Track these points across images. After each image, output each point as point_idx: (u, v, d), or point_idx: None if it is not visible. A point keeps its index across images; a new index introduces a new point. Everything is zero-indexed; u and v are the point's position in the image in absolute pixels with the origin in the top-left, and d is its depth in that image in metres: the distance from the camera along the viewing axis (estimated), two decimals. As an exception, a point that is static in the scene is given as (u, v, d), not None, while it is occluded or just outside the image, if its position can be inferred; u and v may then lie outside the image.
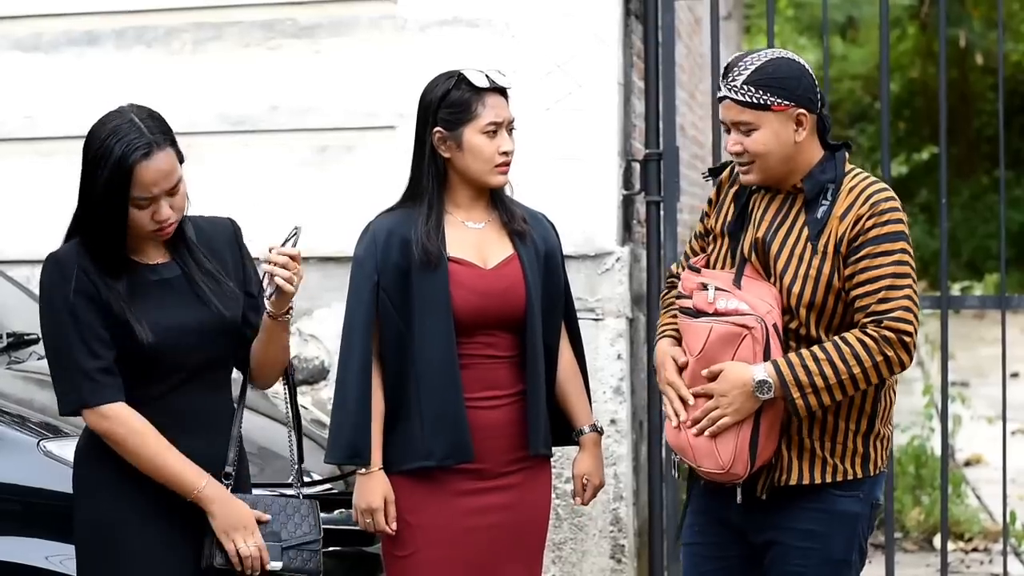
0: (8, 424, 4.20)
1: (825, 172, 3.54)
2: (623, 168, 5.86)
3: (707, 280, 3.55)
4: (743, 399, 3.44)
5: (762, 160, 3.53)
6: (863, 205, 3.48)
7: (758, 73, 3.52)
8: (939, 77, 5.57)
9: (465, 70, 3.84)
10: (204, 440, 3.47)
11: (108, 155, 3.35)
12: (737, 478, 3.49)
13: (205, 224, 3.60)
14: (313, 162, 5.95)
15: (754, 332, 3.45)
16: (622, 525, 5.73)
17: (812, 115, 3.53)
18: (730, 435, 3.47)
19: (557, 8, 5.81)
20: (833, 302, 3.49)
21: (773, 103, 3.50)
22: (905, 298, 3.44)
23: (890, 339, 3.42)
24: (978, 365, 12.27)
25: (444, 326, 3.76)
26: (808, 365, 3.41)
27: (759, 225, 3.57)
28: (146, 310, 3.41)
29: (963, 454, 9.44)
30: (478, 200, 3.89)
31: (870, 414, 3.54)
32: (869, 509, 3.58)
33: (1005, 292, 5.69)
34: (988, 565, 7.11)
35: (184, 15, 6.08)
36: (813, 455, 3.51)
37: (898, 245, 3.47)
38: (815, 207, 3.52)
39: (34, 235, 6.07)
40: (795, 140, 3.51)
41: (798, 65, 3.55)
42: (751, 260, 3.56)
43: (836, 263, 3.48)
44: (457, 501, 3.78)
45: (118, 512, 3.42)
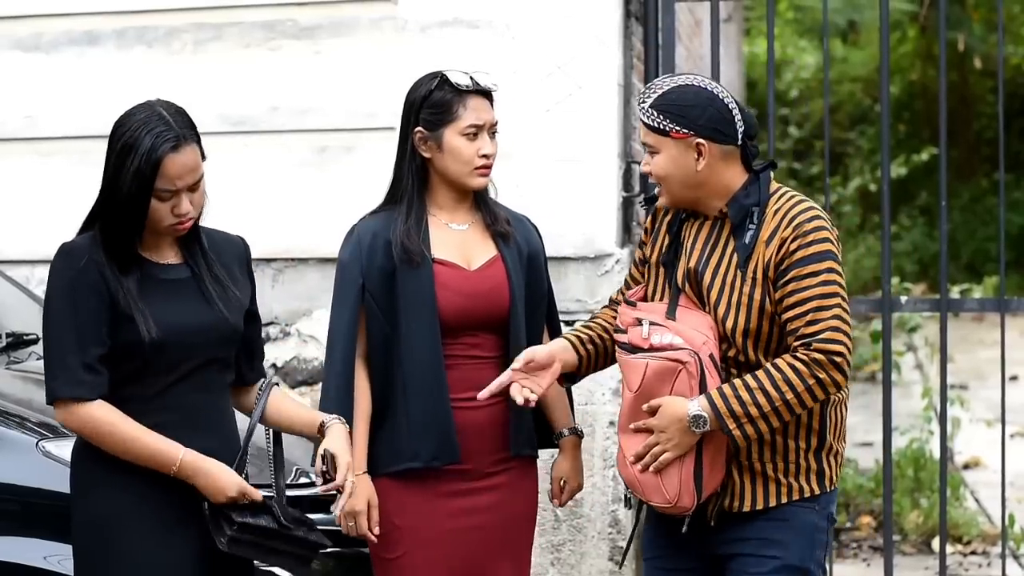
0: (7, 424, 4.20)
1: (749, 196, 3.53)
2: (623, 170, 5.86)
3: (642, 315, 3.56)
4: (681, 434, 3.45)
5: (665, 183, 3.56)
6: (787, 228, 3.47)
7: (662, 99, 3.53)
8: (939, 80, 5.56)
9: (448, 71, 3.85)
10: (202, 439, 3.47)
11: (137, 145, 3.38)
12: (686, 511, 3.50)
13: (219, 237, 3.65)
14: (313, 163, 5.95)
15: (688, 366, 3.45)
16: (621, 527, 5.72)
17: (715, 144, 3.51)
18: (674, 469, 3.48)
19: (557, 10, 5.81)
20: (768, 327, 3.49)
21: (671, 130, 3.51)
22: (834, 318, 3.43)
23: (820, 361, 3.41)
24: (977, 368, 12.27)
25: (429, 327, 3.76)
26: (741, 395, 3.41)
27: (691, 254, 3.58)
28: (153, 306, 3.43)
29: (962, 457, 9.44)
30: (461, 202, 3.89)
31: (819, 431, 3.53)
32: (826, 523, 3.58)
33: (1004, 295, 5.69)
34: (987, 568, 7.11)
35: (185, 15, 6.08)
36: (766, 478, 3.52)
37: (823, 265, 3.45)
38: (742, 232, 3.52)
39: (34, 235, 6.07)
40: (695, 168, 3.51)
41: (707, 94, 3.53)
42: (684, 290, 3.57)
43: (766, 288, 3.48)
44: (443, 502, 3.79)
45: (115, 511, 3.42)
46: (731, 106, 3.54)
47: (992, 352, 11.18)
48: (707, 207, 3.58)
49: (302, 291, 5.87)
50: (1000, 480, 5.76)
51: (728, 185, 3.55)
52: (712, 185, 3.54)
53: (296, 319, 5.85)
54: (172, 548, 3.44)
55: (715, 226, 3.58)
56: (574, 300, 5.69)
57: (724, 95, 3.55)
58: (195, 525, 3.46)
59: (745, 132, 3.56)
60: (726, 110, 3.53)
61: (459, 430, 3.80)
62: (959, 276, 15.54)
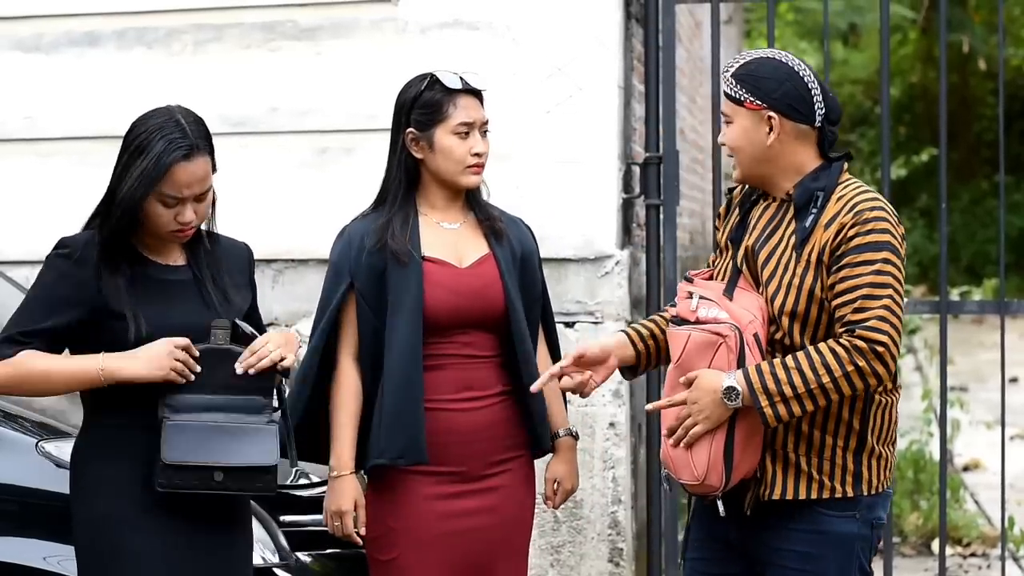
0: (6, 424, 4.20)
1: (817, 180, 3.51)
2: (623, 171, 5.86)
3: (694, 289, 3.55)
4: (713, 406, 3.41)
5: (737, 155, 3.54)
6: (847, 214, 3.44)
7: (743, 68, 3.52)
8: (940, 82, 5.56)
9: (438, 71, 3.86)
10: None
11: (149, 148, 3.40)
12: (713, 490, 3.46)
13: (224, 242, 3.66)
14: (313, 164, 5.95)
15: (728, 340, 3.42)
16: (620, 528, 5.72)
17: (790, 122, 3.49)
18: (703, 445, 3.44)
19: (558, 11, 5.81)
20: (816, 312, 3.45)
21: (746, 100, 3.50)
22: (882, 308, 3.38)
23: (862, 349, 3.36)
24: (977, 370, 12.28)
25: (412, 325, 3.76)
26: (777, 373, 3.37)
27: (752, 234, 3.56)
28: (147, 305, 3.44)
29: (962, 459, 9.44)
30: (453, 201, 3.90)
31: (859, 431, 3.48)
32: (869, 530, 3.52)
33: (1004, 297, 5.69)
34: (986, 570, 7.11)
35: (185, 16, 6.08)
36: (799, 470, 3.47)
37: (880, 255, 3.41)
38: (804, 215, 3.49)
39: (34, 235, 6.07)
40: (766, 142, 3.49)
41: (786, 69, 3.51)
42: (742, 270, 3.55)
43: (819, 272, 3.44)
44: (439, 504, 3.78)
45: (117, 511, 3.42)
46: (812, 86, 3.51)
47: (992, 354, 11.18)
48: (775, 186, 3.55)
49: (302, 292, 5.87)
50: (1000, 482, 5.76)
51: (799, 166, 3.52)
52: (782, 163, 3.51)
53: (296, 320, 5.85)
54: (173, 547, 3.44)
55: (780, 208, 3.55)
56: (574, 301, 5.69)
57: (807, 74, 3.51)
58: (197, 523, 3.45)
59: (825, 116, 3.53)
60: (804, 88, 3.49)
61: (454, 431, 3.79)
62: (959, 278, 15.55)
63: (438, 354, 3.80)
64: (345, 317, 3.86)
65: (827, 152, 3.56)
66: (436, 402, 3.79)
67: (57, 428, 4.24)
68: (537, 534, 5.73)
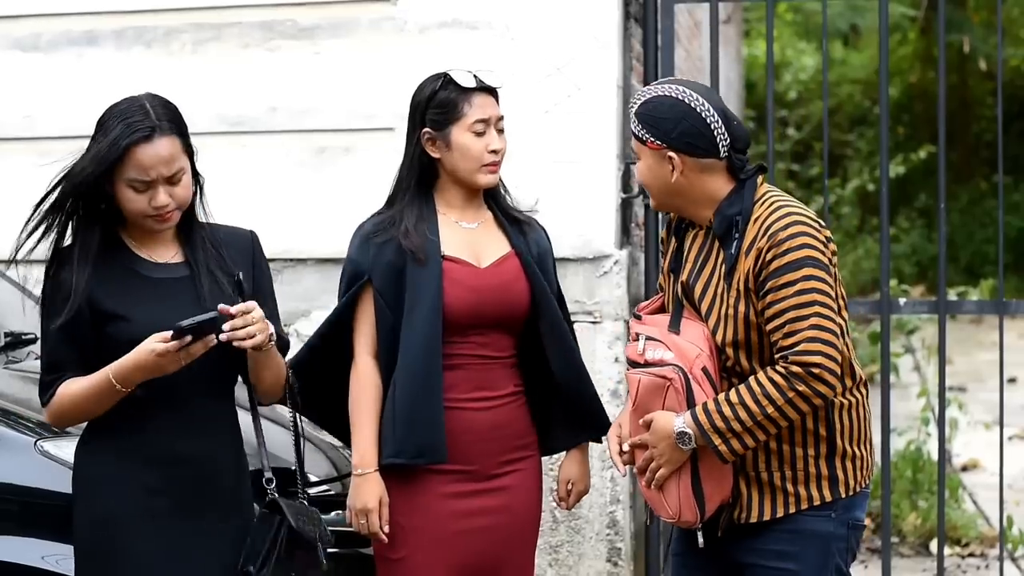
0: (5, 424, 4.20)
1: (732, 206, 3.49)
2: (621, 171, 5.86)
3: (641, 329, 3.57)
4: (671, 450, 3.45)
5: (648, 190, 3.58)
6: (763, 238, 3.42)
7: (643, 107, 3.53)
8: (939, 82, 5.56)
9: (452, 71, 3.86)
10: (197, 442, 3.47)
11: (108, 132, 3.39)
12: (691, 524, 3.49)
13: (224, 232, 3.63)
14: (311, 163, 5.95)
15: (674, 383, 3.44)
16: (619, 528, 5.73)
17: (689, 157, 3.48)
18: (672, 485, 3.48)
19: (557, 11, 5.81)
20: (757, 338, 3.46)
21: (647, 139, 3.51)
22: (811, 328, 3.36)
23: (798, 374, 3.36)
24: (976, 370, 12.27)
25: (430, 323, 3.76)
26: (723, 410, 3.38)
27: (685, 267, 3.57)
28: (138, 306, 3.43)
29: (960, 459, 9.44)
30: (471, 200, 3.90)
31: (827, 437, 3.48)
32: (845, 530, 3.52)
33: (1003, 297, 5.69)
34: (985, 571, 7.11)
35: (183, 16, 6.08)
36: (774, 488, 3.48)
37: (800, 273, 3.38)
38: (728, 243, 3.48)
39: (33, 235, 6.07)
40: (671, 179, 3.50)
41: (683, 108, 3.48)
42: (683, 302, 3.57)
43: (749, 300, 3.44)
44: (450, 503, 3.78)
45: (118, 511, 3.42)
46: (710, 120, 3.47)
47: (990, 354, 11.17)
48: (695, 216, 3.56)
49: (301, 292, 5.86)
50: (999, 482, 5.76)
51: (712, 194, 3.51)
52: (693, 195, 3.52)
53: (295, 320, 5.84)
54: (175, 548, 3.44)
55: (708, 236, 3.56)
56: (572, 301, 5.68)
57: (703, 107, 3.48)
58: (198, 524, 3.45)
59: (731, 145, 3.50)
60: (702, 124, 3.47)
61: (466, 431, 3.79)
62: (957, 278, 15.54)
63: (455, 353, 3.80)
64: (362, 314, 3.85)
65: (739, 175, 3.53)
66: (451, 401, 3.79)
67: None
68: (536, 534, 5.74)
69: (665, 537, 5.72)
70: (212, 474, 3.47)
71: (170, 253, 3.52)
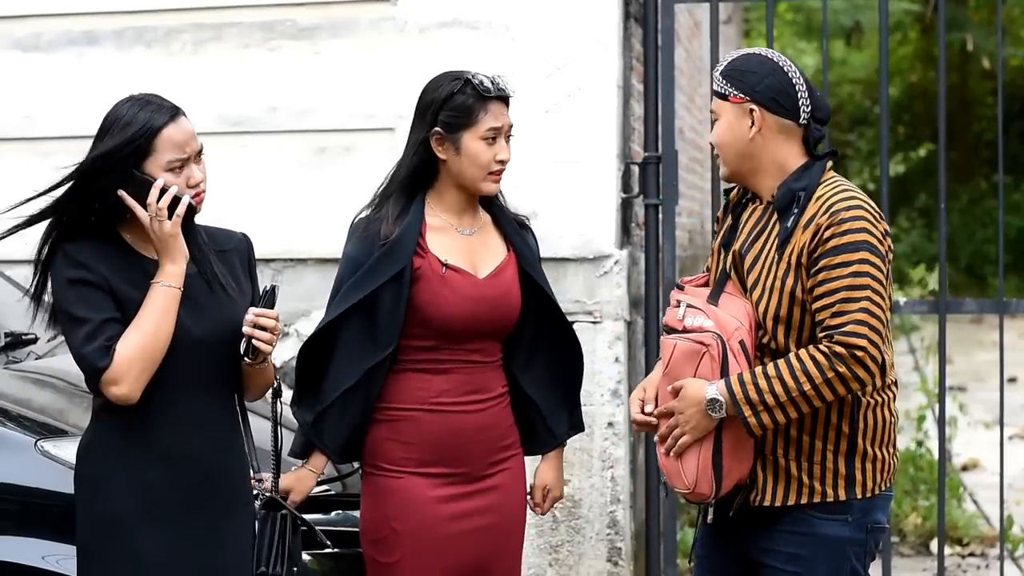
0: (6, 424, 4.20)
1: (799, 180, 3.49)
2: (622, 171, 5.86)
3: (682, 297, 3.56)
4: (699, 417, 3.42)
5: (722, 152, 3.55)
6: (823, 214, 3.41)
7: (729, 65, 3.55)
8: (939, 82, 5.57)
9: (473, 75, 3.82)
10: (202, 443, 3.47)
11: (134, 120, 3.41)
12: (704, 498, 3.46)
13: (219, 234, 3.64)
14: (311, 163, 5.96)
15: (711, 350, 3.42)
16: (619, 528, 5.73)
17: (772, 115, 3.49)
18: (692, 454, 3.45)
19: (557, 11, 5.81)
20: (800, 314, 3.44)
21: (730, 94, 3.51)
22: (861, 311, 3.35)
23: (841, 355, 3.34)
24: (976, 370, 12.28)
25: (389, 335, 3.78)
26: (759, 383, 3.37)
27: (739, 238, 3.56)
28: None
29: (960, 459, 9.45)
30: (469, 204, 3.88)
31: (849, 434, 3.46)
32: (863, 534, 3.49)
33: (1003, 297, 5.69)
34: (985, 570, 7.11)
35: (184, 16, 6.09)
36: (789, 476, 3.47)
37: (857, 255, 3.37)
38: (786, 216, 3.47)
39: (34, 235, 6.07)
40: (748, 135, 3.49)
41: (770, 64, 3.52)
42: (731, 275, 3.55)
43: (799, 275, 3.42)
44: (442, 507, 3.77)
45: (120, 510, 3.42)
46: (796, 83, 3.51)
47: (991, 354, 11.18)
48: (760, 185, 3.54)
49: (301, 292, 5.87)
50: (999, 482, 5.76)
51: (783, 164, 3.51)
52: (764, 158, 3.51)
53: (295, 319, 5.85)
54: (178, 548, 3.43)
55: (766, 210, 3.55)
56: (572, 301, 5.69)
57: (792, 72, 3.52)
58: (202, 523, 3.46)
59: (812, 115, 3.52)
60: (788, 84, 3.50)
61: (457, 433, 3.79)
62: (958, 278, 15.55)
63: (449, 359, 3.79)
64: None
65: (813, 151, 3.55)
66: (443, 404, 3.79)
67: (56, 427, 4.24)
68: (536, 533, 5.73)
69: (666, 537, 5.73)
70: (215, 473, 3.47)
71: None
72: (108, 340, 3.36)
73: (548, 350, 3.95)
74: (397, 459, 3.77)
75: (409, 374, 3.79)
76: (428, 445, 3.77)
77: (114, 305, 3.39)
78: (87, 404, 4.61)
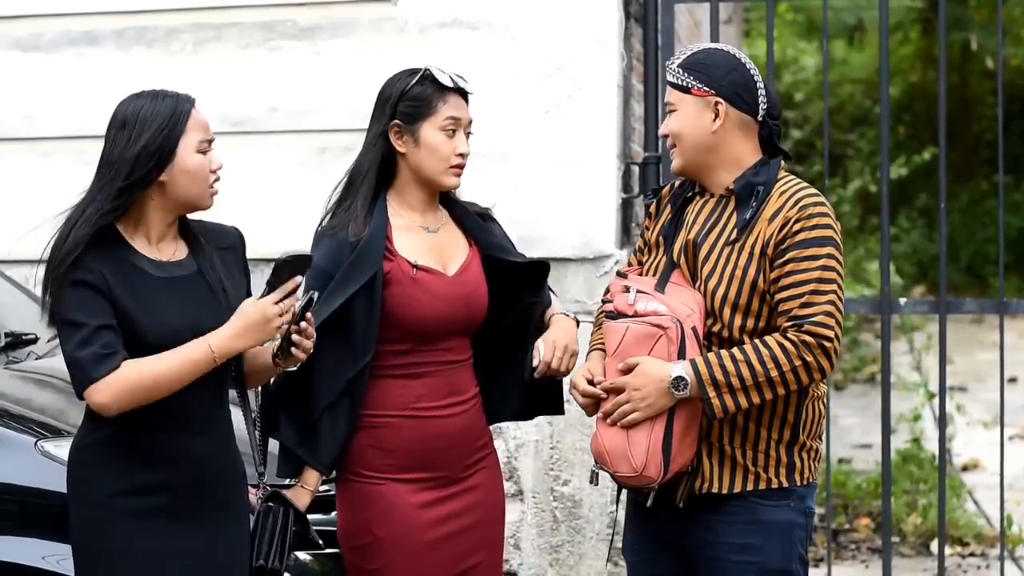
0: (6, 424, 4.20)
1: (758, 175, 3.55)
2: (622, 171, 5.86)
3: (630, 284, 3.57)
4: (658, 395, 3.43)
5: (679, 143, 3.58)
6: (792, 208, 3.48)
7: (690, 58, 3.59)
8: (940, 81, 5.57)
9: (431, 67, 3.83)
10: (195, 442, 3.47)
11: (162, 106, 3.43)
12: (650, 482, 3.46)
13: (215, 230, 3.65)
14: (312, 163, 5.96)
15: (669, 332, 3.45)
16: (619, 528, 5.72)
17: (735, 110, 3.54)
18: (642, 435, 3.45)
19: (557, 11, 5.81)
20: (758, 304, 3.49)
21: (692, 87, 3.55)
22: (828, 303, 3.43)
23: (810, 344, 3.40)
24: (976, 370, 12.26)
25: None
26: (725, 365, 3.40)
27: (691, 228, 3.59)
28: (153, 305, 3.42)
29: (960, 459, 9.45)
30: (431, 202, 3.86)
31: (792, 424, 3.52)
32: (803, 518, 3.56)
33: (1003, 297, 5.69)
34: (985, 570, 7.10)
35: (184, 16, 6.09)
36: (735, 463, 3.51)
37: (825, 250, 3.45)
38: (744, 208, 3.53)
39: (34, 235, 6.06)
40: (711, 128, 3.53)
41: (733, 60, 3.58)
42: (679, 264, 3.57)
43: (762, 264, 3.48)
44: (424, 513, 3.75)
45: (114, 511, 3.41)
46: (755, 77, 3.58)
47: (991, 354, 11.18)
48: (714, 179, 3.58)
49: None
50: (999, 482, 5.76)
51: (739, 159, 3.56)
52: (723, 152, 3.56)
53: (295, 320, 5.85)
54: (172, 547, 3.43)
55: (719, 203, 3.59)
56: (573, 301, 5.69)
57: (749, 66, 3.59)
58: (197, 521, 3.45)
59: (767, 111, 3.58)
60: (751, 79, 3.57)
61: (438, 437, 3.77)
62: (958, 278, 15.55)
63: (424, 362, 3.77)
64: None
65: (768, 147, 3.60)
66: (423, 409, 3.77)
67: (57, 428, 4.24)
68: (536, 533, 5.74)
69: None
70: (209, 472, 3.47)
71: (171, 250, 3.52)
72: (103, 348, 3.34)
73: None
74: (377, 466, 3.74)
75: (387, 380, 3.75)
76: (409, 451, 3.75)
77: (111, 311, 3.37)
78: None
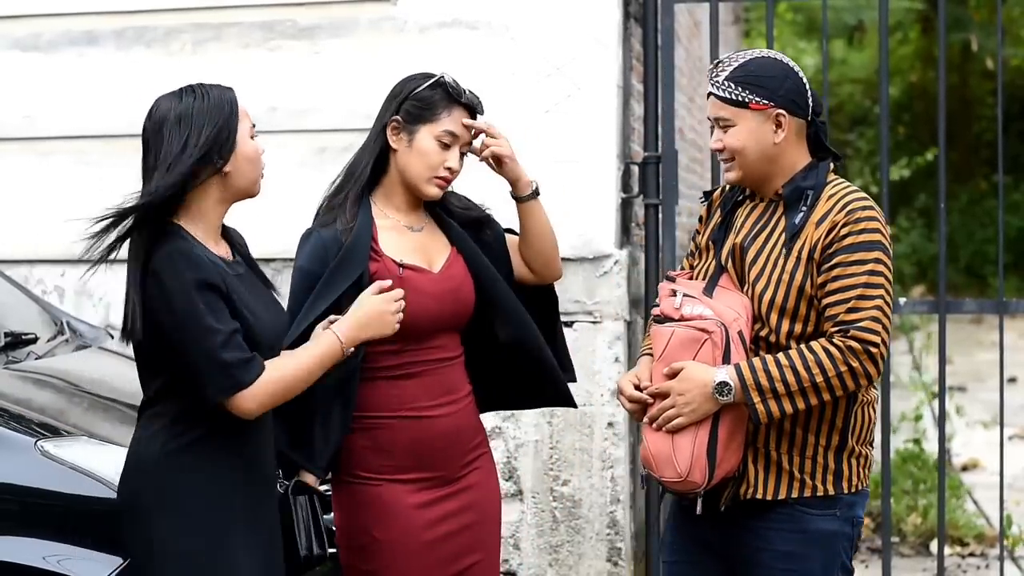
0: (6, 424, 4.20)
1: (807, 179, 3.53)
2: (621, 171, 5.86)
3: (677, 287, 3.56)
4: (702, 399, 3.41)
5: (741, 157, 3.54)
6: (839, 212, 3.45)
7: (741, 70, 3.54)
8: (939, 82, 5.57)
9: (447, 75, 3.82)
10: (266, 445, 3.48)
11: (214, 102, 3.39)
12: (695, 487, 3.44)
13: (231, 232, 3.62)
14: (311, 163, 5.96)
15: (713, 336, 3.43)
16: (619, 528, 5.73)
17: (794, 118, 3.52)
18: (687, 440, 3.43)
19: (557, 11, 5.81)
20: (805, 308, 3.46)
21: (751, 101, 3.52)
22: (875, 309, 3.39)
23: (855, 350, 3.37)
24: (976, 370, 12.27)
25: None
26: (770, 370, 3.38)
27: (739, 232, 3.57)
28: (252, 306, 3.39)
29: (960, 459, 9.45)
30: (416, 205, 3.86)
31: (841, 429, 3.49)
32: (849, 527, 3.53)
33: (1003, 297, 5.69)
34: (985, 570, 7.11)
35: (184, 16, 6.09)
36: (780, 469, 3.48)
37: (872, 255, 3.42)
38: (794, 212, 3.50)
39: (33, 235, 6.08)
40: (773, 141, 3.51)
41: (784, 67, 3.55)
42: (727, 268, 3.56)
43: (810, 269, 3.45)
44: (420, 513, 3.74)
45: (223, 511, 3.36)
46: (804, 80, 3.56)
47: (990, 354, 11.19)
48: (769, 186, 3.56)
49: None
50: (999, 482, 5.76)
51: (794, 165, 3.55)
52: (782, 161, 3.54)
53: (295, 319, 5.85)
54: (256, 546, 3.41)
55: (768, 207, 3.57)
56: (572, 301, 5.69)
57: (798, 69, 3.57)
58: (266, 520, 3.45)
59: (813, 109, 3.57)
60: (801, 83, 3.55)
61: (434, 437, 3.77)
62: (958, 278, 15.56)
63: (416, 361, 3.76)
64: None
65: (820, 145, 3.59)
66: (417, 409, 3.76)
67: (57, 428, 4.24)
68: (536, 533, 5.74)
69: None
70: (268, 463, 3.48)
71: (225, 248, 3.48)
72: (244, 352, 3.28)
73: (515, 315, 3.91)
74: (375, 467, 3.74)
75: (379, 382, 3.74)
76: (405, 452, 3.74)
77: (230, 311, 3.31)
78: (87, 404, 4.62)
